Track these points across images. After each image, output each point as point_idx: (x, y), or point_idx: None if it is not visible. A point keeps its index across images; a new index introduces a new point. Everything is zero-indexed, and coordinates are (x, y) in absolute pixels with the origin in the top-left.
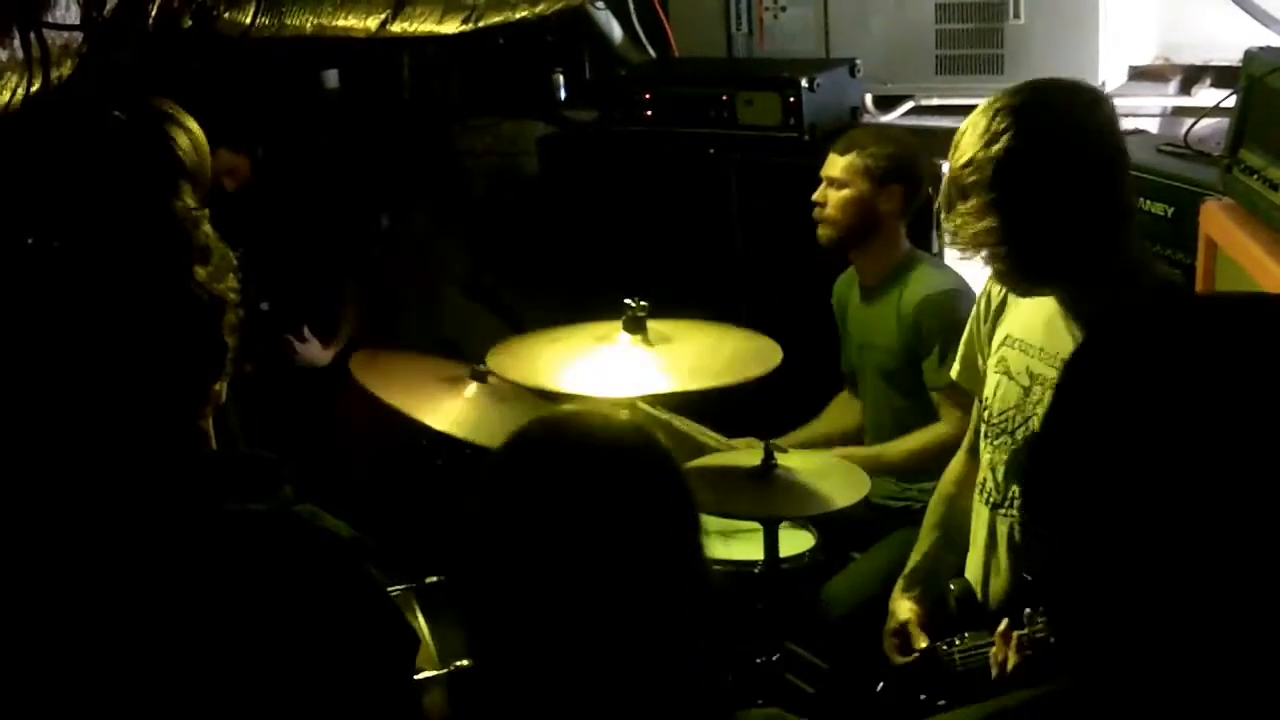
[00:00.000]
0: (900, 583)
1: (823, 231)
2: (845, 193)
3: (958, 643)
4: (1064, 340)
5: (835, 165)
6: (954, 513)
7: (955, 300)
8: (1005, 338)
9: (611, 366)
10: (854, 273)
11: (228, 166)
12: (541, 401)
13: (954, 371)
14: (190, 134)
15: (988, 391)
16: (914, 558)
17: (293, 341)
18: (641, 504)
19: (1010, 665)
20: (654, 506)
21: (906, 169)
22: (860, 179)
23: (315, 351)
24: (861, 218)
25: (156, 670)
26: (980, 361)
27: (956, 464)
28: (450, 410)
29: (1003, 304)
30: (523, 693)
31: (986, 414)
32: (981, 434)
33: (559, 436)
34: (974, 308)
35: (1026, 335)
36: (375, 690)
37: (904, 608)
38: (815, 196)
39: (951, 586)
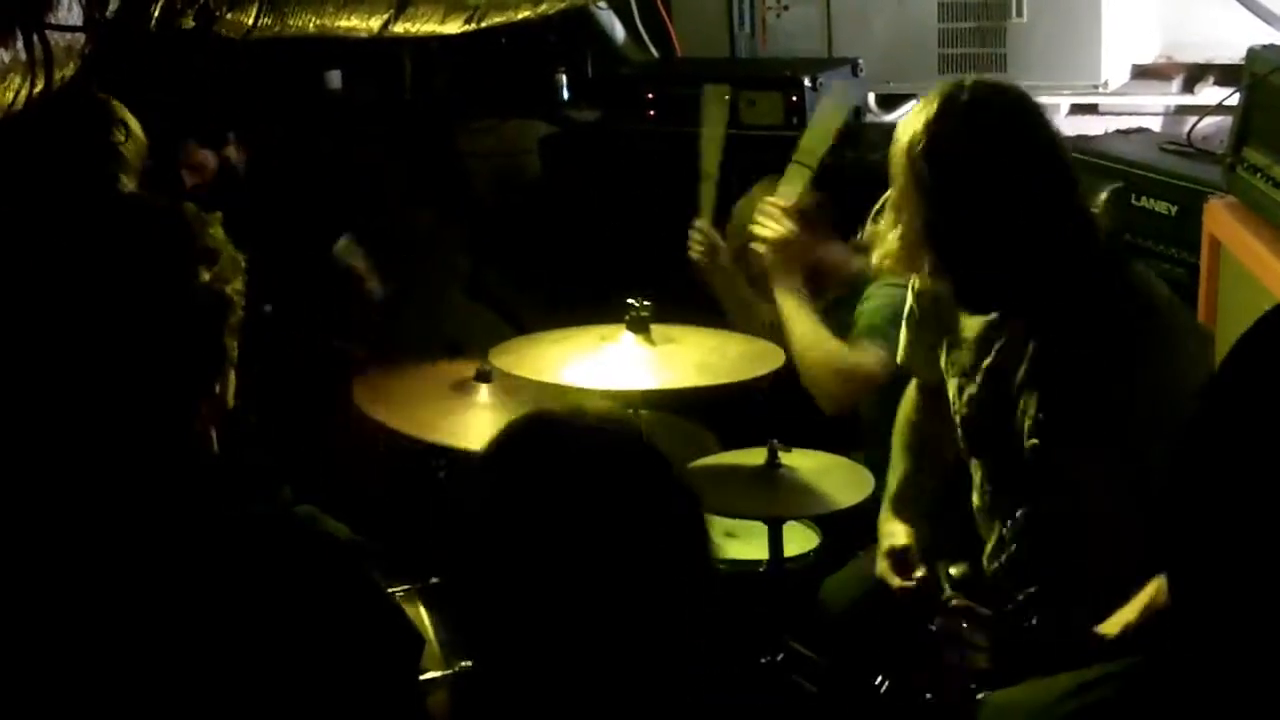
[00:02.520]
0: (888, 506)
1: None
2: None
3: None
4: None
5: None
6: (921, 436)
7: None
8: (957, 337)
9: (616, 365)
10: None
11: (194, 161)
12: (550, 394)
13: (901, 356)
14: (130, 129)
15: (951, 395)
16: (893, 482)
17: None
18: (641, 501)
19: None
20: (653, 504)
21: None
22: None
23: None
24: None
25: (156, 674)
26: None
27: (914, 394)
28: (465, 422)
29: (949, 304)
30: (522, 693)
31: (960, 420)
32: (961, 439)
33: (554, 433)
34: (909, 307)
35: (969, 332)
36: (377, 692)
37: (901, 531)
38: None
39: (953, 571)
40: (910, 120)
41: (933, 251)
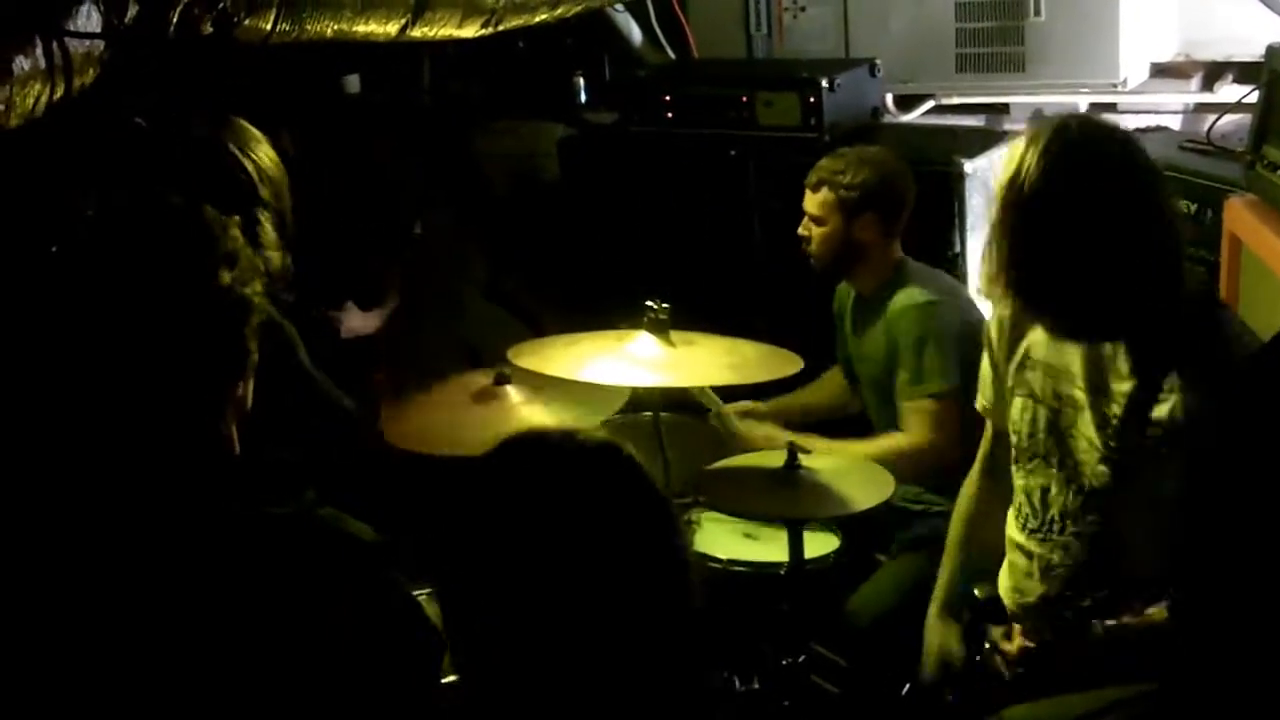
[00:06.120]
0: (938, 609)
1: (813, 263)
2: (823, 229)
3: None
4: (1072, 356)
5: (810, 202)
6: (975, 532)
7: (933, 311)
8: (1025, 358)
9: (634, 365)
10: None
11: None
12: (570, 386)
13: (981, 403)
14: (267, 154)
15: (1014, 415)
16: (943, 578)
17: (334, 316)
18: (611, 509)
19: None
20: (624, 511)
21: (878, 195)
22: (834, 214)
23: (357, 320)
24: (842, 250)
25: (176, 673)
26: (1003, 389)
27: (973, 485)
28: (492, 425)
29: (1018, 323)
30: (506, 697)
31: (1016, 439)
32: (1013, 459)
33: (526, 451)
34: (985, 334)
35: (1047, 355)
36: (398, 692)
37: (953, 636)
38: (800, 231)
39: (976, 592)
40: (1012, 152)
41: (1016, 283)
